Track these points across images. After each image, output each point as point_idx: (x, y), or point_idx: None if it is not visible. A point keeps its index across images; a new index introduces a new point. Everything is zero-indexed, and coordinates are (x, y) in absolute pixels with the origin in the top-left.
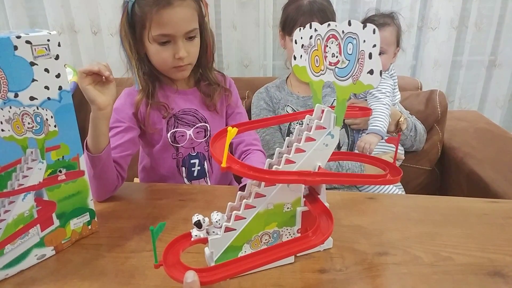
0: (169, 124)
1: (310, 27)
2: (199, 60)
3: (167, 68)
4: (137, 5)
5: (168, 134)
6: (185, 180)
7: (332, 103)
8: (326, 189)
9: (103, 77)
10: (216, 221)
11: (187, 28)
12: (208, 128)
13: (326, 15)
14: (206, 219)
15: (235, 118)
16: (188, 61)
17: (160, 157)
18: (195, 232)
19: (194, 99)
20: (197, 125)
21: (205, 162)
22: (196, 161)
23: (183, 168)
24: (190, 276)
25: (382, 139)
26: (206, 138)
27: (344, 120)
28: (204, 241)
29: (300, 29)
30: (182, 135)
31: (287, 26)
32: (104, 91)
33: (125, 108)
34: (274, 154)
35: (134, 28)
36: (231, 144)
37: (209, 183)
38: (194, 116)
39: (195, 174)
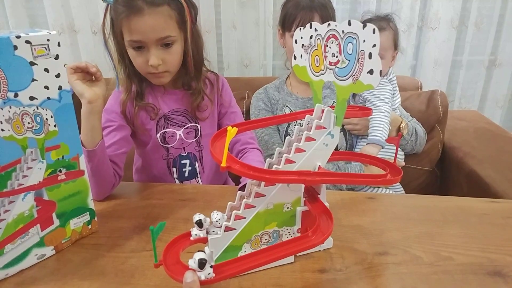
0: (159, 125)
1: (310, 27)
2: (186, 67)
3: (144, 73)
4: (112, 9)
5: (158, 135)
6: (176, 180)
7: (332, 104)
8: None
9: (92, 76)
10: (216, 221)
11: (158, 36)
12: (199, 129)
13: (326, 9)
14: (208, 218)
15: (230, 117)
16: (164, 69)
17: (151, 157)
18: (195, 231)
19: (183, 99)
20: (187, 125)
21: (196, 162)
22: (187, 161)
23: (174, 169)
24: (190, 276)
25: (382, 149)
26: (196, 138)
27: (343, 125)
28: (204, 240)
29: (300, 28)
30: (172, 136)
31: (287, 22)
32: (93, 86)
33: (114, 108)
34: (273, 154)
35: (115, 31)
36: None
37: (200, 183)
38: (184, 116)
39: (186, 174)
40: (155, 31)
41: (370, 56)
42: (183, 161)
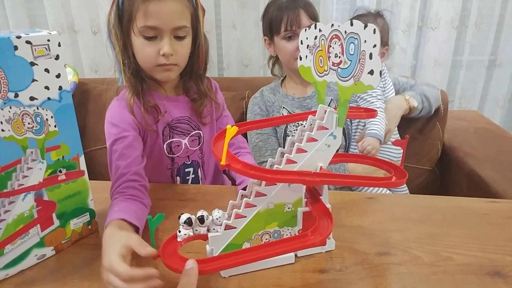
0: (164, 135)
1: (315, 27)
2: (190, 67)
3: (151, 65)
4: None
5: (164, 145)
6: None
7: (330, 103)
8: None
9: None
10: (217, 219)
11: (175, 24)
12: (202, 135)
13: (309, 5)
14: (210, 217)
15: (223, 121)
16: (174, 61)
17: (155, 167)
18: (183, 231)
19: (185, 106)
20: (191, 133)
21: (199, 170)
22: (191, 169)
23: (178, 178)
24: (189, 263)
25: (380, 143)
26: (200, 145)
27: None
28: (205, 237)
29: (305, 29)
30: (178, 145)
31: (274, 25)
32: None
33: (124, 115)
34: (264, 162)
35: (122, 21)
36: None
37: None
38: (188, 124)
39: (189, 182)
40: (174, 18)
41: (370, 56)
42: (187, 170)
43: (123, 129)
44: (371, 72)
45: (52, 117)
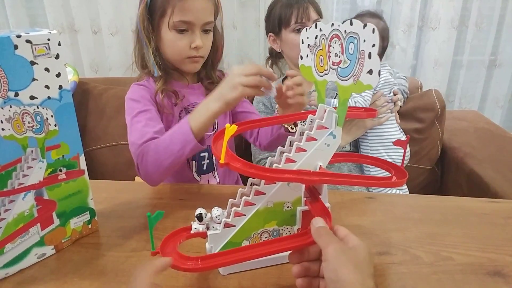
0: (181, 117)
1: (316, 27)
2: (208, 58)
3: (181, 58)
4: None
5: None
6: (195, 174)
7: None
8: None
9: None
10: (216, 217)
11: (206, 19)
12: (216, 122)
13: (314, 1)
14: (209, 214)
15: (242, 104)
16: (202, 53)
17: None
18: (195, 225)
19: (200, 93)
20: None
21: (213, 156)
22: (206, 154)
23: (193, 162)
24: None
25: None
26: (214, 131)
27: None
28: (204, 235)
29: (306, 29)
30: None
31: (283, 20)
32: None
33: (145, 96)
34: (263, 159)
35: (151, 17)
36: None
37: (217, 177)
38: None
39: (204, 167)
40: (205, 14)
41: (369, 56)
42: (202, 154)
43: (145, 104)
44: (370, 72)
45: (52, 116)
